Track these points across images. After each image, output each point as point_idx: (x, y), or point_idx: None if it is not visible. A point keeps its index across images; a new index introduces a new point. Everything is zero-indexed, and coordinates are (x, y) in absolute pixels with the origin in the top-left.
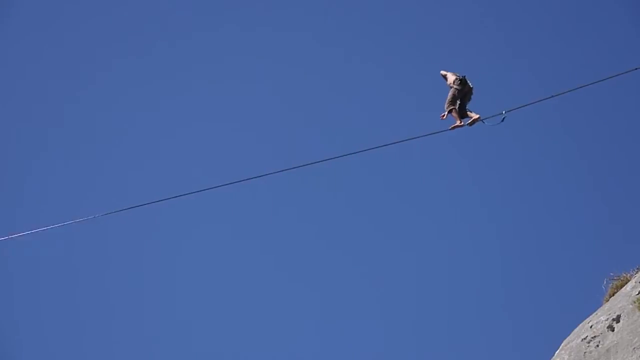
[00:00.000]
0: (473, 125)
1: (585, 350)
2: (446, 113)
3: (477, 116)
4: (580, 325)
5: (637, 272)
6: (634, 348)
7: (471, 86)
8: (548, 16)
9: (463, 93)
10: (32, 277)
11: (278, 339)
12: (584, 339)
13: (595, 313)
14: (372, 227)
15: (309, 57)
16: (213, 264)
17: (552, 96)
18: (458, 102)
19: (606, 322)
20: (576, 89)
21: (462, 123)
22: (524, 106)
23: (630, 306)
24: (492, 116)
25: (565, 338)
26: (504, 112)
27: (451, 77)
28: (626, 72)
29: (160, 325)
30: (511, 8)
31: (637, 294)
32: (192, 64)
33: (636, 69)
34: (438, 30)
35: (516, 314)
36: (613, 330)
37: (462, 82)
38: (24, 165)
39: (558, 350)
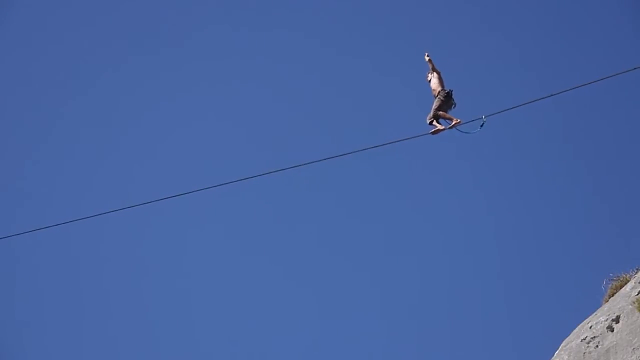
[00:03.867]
0: (434, 135)
1: (584, 351)
2: (432, 120)
3: (444, 128)
4: (580, 325)
5: (636, 273)
6: (634, 348)
7: (454, 102)
8: (546, 16)
9: (446, 106)
10: (32, 277)
11: (275, 339)
12: (584, 339)
13: (594, 313)
14: (369, 226)
15: (306, 57)
16: (210, 263)
17: (536, 100)
18: (440, 112)
19: (606, 322)
20: (571, 89)
21: (457, 120)
22: (503, 111)
23: (630, 307)
24: (471, 121)
25: (564, 338)
26: (483, 117)
27: (437, 86)
28: (625, 71)
29: (159, 324)
30: (506, 7)
31: (637, 295)
32: (190, 64)
33: (635, 68)
34: (436, 29)
35: (516, 314)
36: (612, 331)
37: (448, 95)
38: (23, 164)
39: (557, 351)
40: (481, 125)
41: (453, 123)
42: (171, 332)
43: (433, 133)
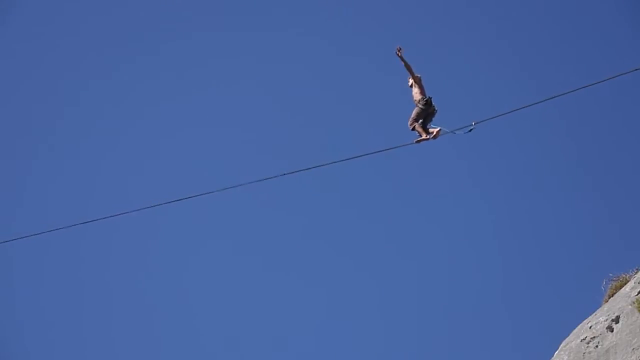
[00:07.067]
0: (438, 137)
1: (584, 351)
2: (410, 129)
3: (439, 129)
4: (580, 325)
5: (636, 273)
6: (633, 349)
7: (435, 108)
8: (545, 17)
9: (426, 113)
10: (35, 280)
11: (277, 340)
12: (583, 339)
13: (594, 314)
14: (372, 228)
15: (307, 59)
16: (212, 266)
17: (536, 103)
18: (421, 120)
19: (605, 322)
20: (571, 91)
21: (428, 137)
22: (494, 117)
23: (630, 307)
24: (461, 128)
25: (564, 339)
26: (473, 123)
27: (417, 94)
28: (625, 73)
29: (162, 327)
30: (507, 8)
31: (637, 295)
32: (191, 66)
33: (636, 70)
34: (437, 30)
35: (516, 314)
36: (612, 331)
37: (428, 102)
38: (25, 167)
39: (557, 351)
40: (469, 130)
41: (422, 138)
42: (174, 334)
43: (434, 137)
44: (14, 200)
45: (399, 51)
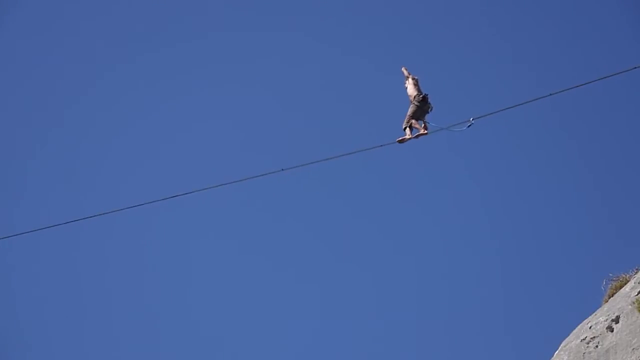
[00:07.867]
0: (403, 143)
1: (584, 351)
2: (407, 126)
3: (410, 137)
4: (580, 325)
5: (636, 273)
6: (633, 349)
7: (430, 106)
8: (545, 15)
9: (422, 110)
10: (33, 278)
11: (277, 340)
12: (583, 339)
13: (594, 314)
14: (369, 226)
15: (306, 58)
16: (211, 264)
17: (535, 99)
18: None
19: (605, 322)
20: (570, 88)
21: (426, 131)
22: (492, 114)
23: (630, 307)
24: (459, 124)
25: (564, 339)
26: (471, 119)
27: (412, 91)
28: (624, 71)
29: (160, 325)
30: (507, 8)
31: (636, 295)
32: (191, 65)
33: (635, 68)
34: (437, 29)
35: (516, 314)
36: (612, 331)
37: (424, 99)
38: (24, 165)
39: (557, 351)
40: (468, 126)
41: (419, 133)
42: (172, 332)
43: (400, 142)
44: (13, 199)
45: (405, 71)
